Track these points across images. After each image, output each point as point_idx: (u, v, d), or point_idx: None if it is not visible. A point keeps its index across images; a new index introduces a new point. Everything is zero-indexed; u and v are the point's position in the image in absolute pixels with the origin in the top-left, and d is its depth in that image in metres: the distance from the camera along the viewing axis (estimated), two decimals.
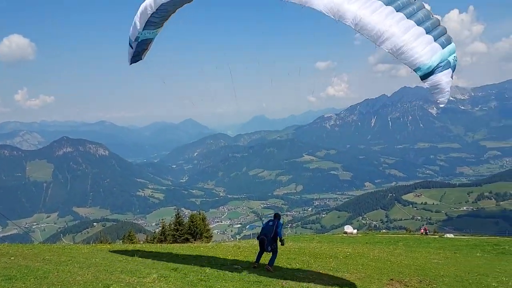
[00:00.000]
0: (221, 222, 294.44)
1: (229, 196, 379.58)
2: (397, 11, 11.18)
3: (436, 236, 55.30)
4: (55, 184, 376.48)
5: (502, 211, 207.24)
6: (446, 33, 11.60)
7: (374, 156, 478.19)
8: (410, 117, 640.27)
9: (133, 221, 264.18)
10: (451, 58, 11.18)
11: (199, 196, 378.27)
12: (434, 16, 11.91)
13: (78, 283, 12.59)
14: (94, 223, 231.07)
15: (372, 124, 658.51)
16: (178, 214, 46.88)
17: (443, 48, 10.95)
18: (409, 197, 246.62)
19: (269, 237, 17.05)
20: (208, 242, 40.92)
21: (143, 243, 45.67)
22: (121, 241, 55.23)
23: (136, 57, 18.06)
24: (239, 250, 25.31)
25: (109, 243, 38.90)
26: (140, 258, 19.73)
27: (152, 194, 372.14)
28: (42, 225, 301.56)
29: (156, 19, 16.09)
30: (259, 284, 15.11)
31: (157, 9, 15.13)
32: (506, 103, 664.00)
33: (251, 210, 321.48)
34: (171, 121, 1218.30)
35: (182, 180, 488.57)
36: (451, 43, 11.51)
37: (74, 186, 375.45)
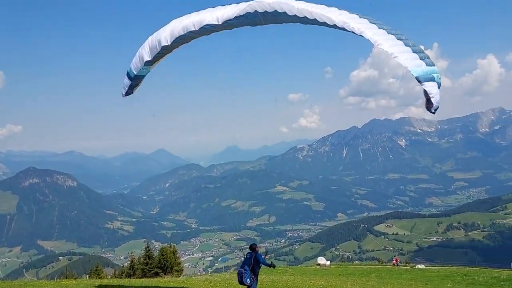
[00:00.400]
0: (193, 255, 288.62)
1: (201, 227, 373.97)
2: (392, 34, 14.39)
3: (408, 267, 55.60)
4: (20, 216, 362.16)
5: (471, 241, 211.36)
6: (429, 57, 14.23)
7: (346, 186, 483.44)
8: (380, 149, 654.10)
9: (101, 255, 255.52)
10: (435, 75, 13.65)
11: (170, 228, 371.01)
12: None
13: None
14: (60, 257, 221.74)
15: (344, 155, 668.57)
16: (148, 247, 45.70)
17: (427, 65, 13.78)
18: (381, 227, 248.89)
19: (247, 269, 16.27)
20: (179, 276, 39.84)
21: (111, 277, 44.11)
22: (87, 276, 53.08)
23: (129, 91, 18.29)
24: (211, 285, 24.67)
25: (74, 278, 37.34)
26: None
27: (121, 226, 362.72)
28: (4, 260, 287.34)
29: (159, 56, 16.75)
30: None
31: (164, 45, 15.95)
32: (471, 135, 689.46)
33: (223, 242, 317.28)
34: (143, 151, 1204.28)
35: (153, 212, 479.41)
36: (435, 65, 14.05)
37: (39, 219, 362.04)
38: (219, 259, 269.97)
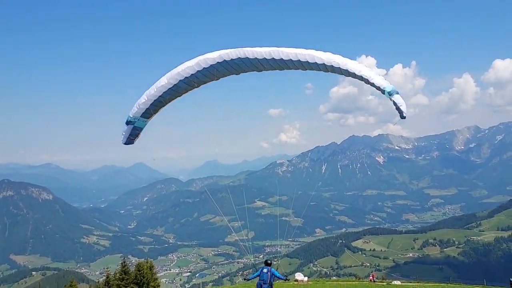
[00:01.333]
0: (170, 270, 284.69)
1: (179, 243, 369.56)
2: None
3: (384, 283, 56.33)
4: None
5: (446, 257, 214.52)
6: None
7: (324, 202, 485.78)
8: (359, 165, 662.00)
9: (76, 270, 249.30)
10: (391, 86, 17.70)
11: (147, 243, 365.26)
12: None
13: None
14: (33, 272, 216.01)
15: (323, 171, 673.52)
16: (124, 262, 45.33)
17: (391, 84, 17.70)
18: (358, 243, 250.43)
19: (267, 282, 18.34)
20: None
21: None
22: None
23: (129, 139, 19.66)
24: None
25: None
26: None
27: (97, 241, 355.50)
28: None
29: (158, 106, 19.21)
30: None
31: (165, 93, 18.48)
32: (447, 153, 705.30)
33: (201, 258, 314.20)
34: (121, 165, 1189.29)
35: (130, 226, 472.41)
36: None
37: (12, 232, 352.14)
38: (197, 275, 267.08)
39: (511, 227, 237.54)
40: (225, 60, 17.12)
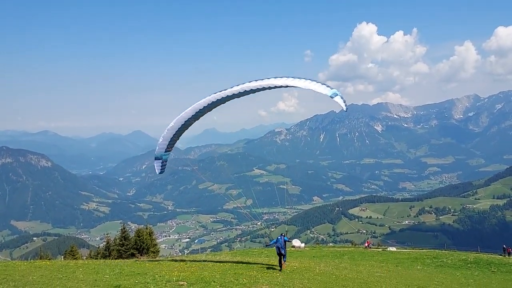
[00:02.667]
0: (169, 236, 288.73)
1: (177, 210, 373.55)
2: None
3: (380, 250, 57.01)
4: None
5: (441, 225, 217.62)
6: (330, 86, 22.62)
7: (322, 171, 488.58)
8: (357, 134, 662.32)
9: (76, 236, 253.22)
10: (338, 92, 22.08)
11: (146, 210, 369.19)
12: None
13: None
14: (34, 238, 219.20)
15: (321, 140, 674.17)
16: (124, 228, 45.54)
17: (332, 88, 22.38)
18: (355, 211, 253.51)
19: (283, 245, 24.23)
20: (155, 257, 39.96)
21: (86, 258, 43.87)
22: (62, 256, 52.69)
23: (162, 169, 27.53)
24: (186, 266, 24.88)
25: (49, 259, 37.08)
26: (81, 275, 18.95)
27: (97, 208, 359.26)
28: None
29: (172, 143, 26.66)
30: None
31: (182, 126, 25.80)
32: (445, 122, 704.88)
33: (200, 224, 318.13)
34: (119, 133, 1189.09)
35: (129, 193, 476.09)
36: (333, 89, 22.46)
37: (13, 199, 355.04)
38: (196, 241, 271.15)
39: (507, 195, 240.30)
40: (212, 102, 24.25)
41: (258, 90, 23.29)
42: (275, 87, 23.19)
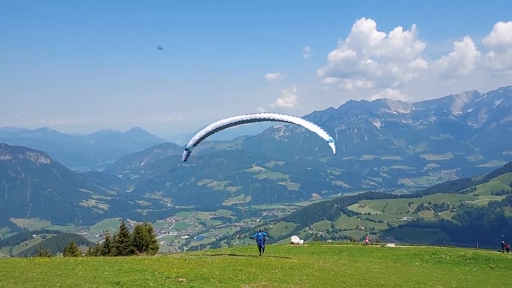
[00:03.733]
0: (168, 233, 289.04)
1: (177, 206, 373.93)
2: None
3: (379, 246, 57.19)
4: None
5: (440, 221, 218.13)
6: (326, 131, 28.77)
7: (321, 167, 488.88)
8: (356, 130, 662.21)
9: (76, 233, 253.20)
10: (332, 138, 28.72)
11: (145, 206, 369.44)
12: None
13: None
14: (33, 235, 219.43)
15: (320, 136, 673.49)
16: (123, 225, 45.62)
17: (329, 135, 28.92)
18: (353, 207, 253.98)
19: (262, 241, 32.22)
20: (154, 254, 40.02)
21: (86, 255, 43.93)
22: (62, 253, 52.74)
23: (186, 158, 35.88)
24: (185, 263, 24.93)
25: (48, 256, 37.13)
26: (81, 272, 18.96)
27: (96, 205, 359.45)
28: None
29: (202, 140, 34.35)
30: None
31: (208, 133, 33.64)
32: (444, 118, 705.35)
33: (199, 221, 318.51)
34: (118, 130, 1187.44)
35: (128, 190, 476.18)
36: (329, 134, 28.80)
37: (12, 196, 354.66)
38: (195, 238, 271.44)
39: (505, 191, 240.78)
40: (231, 122, 32.06)
41: (268, 120, 31.64)
42: (282, 120, 31.13)
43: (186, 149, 34.03)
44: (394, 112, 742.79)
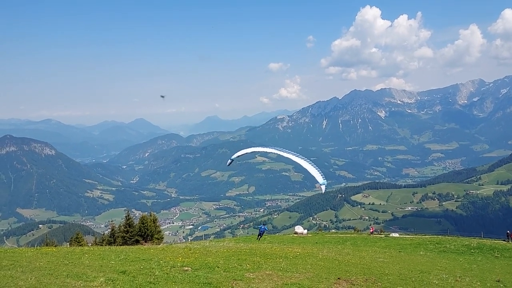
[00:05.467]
0: (173, 223, 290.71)
1: (181, 197, 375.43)
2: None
3: (383, 236, 57.25)
4: None
5: (444, 211, 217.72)
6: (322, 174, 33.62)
7: (325, 157, 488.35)
8: (360, 120, 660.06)
9: (81, 223, 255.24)
10: (325, 181, 33.47)
11: (150, 197, 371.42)
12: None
13: None
14: (40, 225, 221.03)
15: (324, 126, 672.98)
16: (128, 215, 45.77)
17: (324, 178, 33.42)
18: (357, 197, 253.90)
19: (262, 232, 44.16)
20: (159, 244, 40.30)
21: (91, 245, 44.27)
22: (68, 243, 53.17)
23: (230, 164, 42.14)
24: (190, 252, 25.11)
25: (55, 246, 37.43)
26: (87, 261, 19.15)
27: (101, 195, 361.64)
28: None
29: (240, 157, 40.36)
30: (208, 286, 15.10)
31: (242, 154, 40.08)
32: (449, 107, 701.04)
33: (203, 211, 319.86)
34: (122, 121, 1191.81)
35: (132, 181, 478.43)
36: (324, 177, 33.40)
37: (18, 187, 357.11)
38: (199, 228, 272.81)
39: (511, 181, 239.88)
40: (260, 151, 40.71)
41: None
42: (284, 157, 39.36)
43: (231, 159, 41.39)
44: (399, 102, 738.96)
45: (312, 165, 34.62)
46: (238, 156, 40.03)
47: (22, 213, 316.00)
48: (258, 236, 45.77)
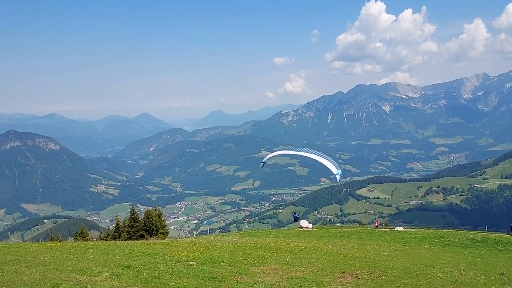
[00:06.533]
0: (178, 218, 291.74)
1: (186, 191, 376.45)
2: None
3: (387, 229, 57.18)
4: (2, 179, 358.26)
5: (449, 204, 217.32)
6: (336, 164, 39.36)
7: (330, 152, 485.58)
8: (365, 114, 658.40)
9: (86, 218, 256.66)
10: (340, 171, 38.90)
11: (155, 192, 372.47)
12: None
13: (24, 283, 12.10)
14: (45, 220, 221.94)
15: (329, 121, 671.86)
16: (133, 210, 45.84)
17: (337, 169, 39.14)
18: (362, 191, 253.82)
19: (294, 218, 55.75)
20: (164, 239, 40.40)
21: (96, 240, 44.48)
22: (73, 238, 53.49)
23: (263, 166, 49.60)
24: (195, 247, 25.15)
25: (60, 241, 37.61)
26: (92, 256, 19.22)
27: (106, 190, 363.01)
28: None
29: (270, 160, 47.94)
30: (214, 280, 15.12)
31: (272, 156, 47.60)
32: (454, 101, 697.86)
33: (208, 206, 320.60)
34: (126, 115, 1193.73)
35: (137, 176, 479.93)
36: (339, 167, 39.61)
37: (22, 182, 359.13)
38: (204, 222, 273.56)
39: None
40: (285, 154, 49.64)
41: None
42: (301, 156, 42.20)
43: (263, 162, 46.93)
44: (404, 96, 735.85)
45: (327, 159, 39.31)
46: (269, 158, 45.32)
47: (26, 208, 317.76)
48: (294, 219, 56.19)
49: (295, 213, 58.48)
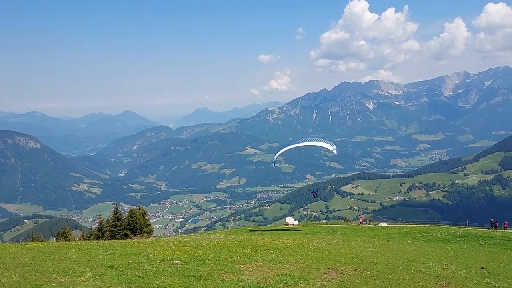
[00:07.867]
0: (163, 216, 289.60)
1: (171, 190, 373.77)
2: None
3: (371, 225, 57.72)
4: None
5: (431, 200, 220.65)
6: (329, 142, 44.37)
7: (315, 149, 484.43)
8: (349, 112, 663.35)
9: (68, 217, 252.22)
10: (334, 146, 43.61)
11: (139, 190, 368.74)
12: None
13: (3, 285, 11.81)
14: (25, 220, 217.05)
15: (314, 118, 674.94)
16: (116, 209, 45.29)
17: (331, 145, 43.59)
18: (347, 188, 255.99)
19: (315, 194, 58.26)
20: (149, 238, 40.05)
21: (79, 240, 43.85)
22: (54, 238, 52.59)
23: (275, 164, 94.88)
24: (180, 245, 24.96)
25: (41, 241, 37.01)
26: (74, 256, 18.90)
27: (88, 189, 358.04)
28: None
29: (279, 156, 51.20)
30: (199, 279, 15.00)
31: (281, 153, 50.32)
32: (435, 99, 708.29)
33: (193, 204, 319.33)
34: (109, 113, 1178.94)
35: (121, 174, 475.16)
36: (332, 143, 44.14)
37: (1, 181, 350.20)
38: (189, 220, 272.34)
39: (494, 171, 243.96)
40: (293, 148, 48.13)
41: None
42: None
43: (273, 161, 52.88)
44: (387, 94, 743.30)
45: (321, 140, 45.38)
46: (277, 156, 48.20)
47: (6, 208, 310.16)
48: (314, 195, 57.52)
49: (314, 190, 62.49)
